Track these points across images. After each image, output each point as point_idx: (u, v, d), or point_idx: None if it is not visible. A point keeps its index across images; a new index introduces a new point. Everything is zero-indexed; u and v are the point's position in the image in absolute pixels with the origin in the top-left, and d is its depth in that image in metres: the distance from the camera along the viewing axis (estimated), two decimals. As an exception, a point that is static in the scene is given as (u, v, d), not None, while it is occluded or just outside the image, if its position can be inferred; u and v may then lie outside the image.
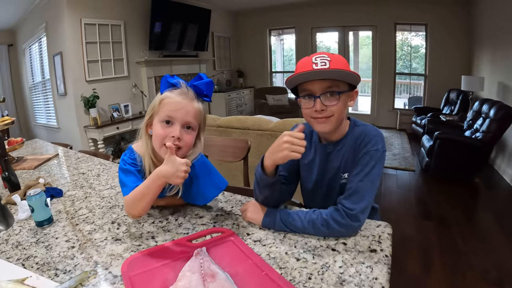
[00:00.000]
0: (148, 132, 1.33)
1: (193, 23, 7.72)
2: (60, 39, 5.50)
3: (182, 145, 1.27)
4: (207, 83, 1.31)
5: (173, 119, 1.26)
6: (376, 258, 1.08)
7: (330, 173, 1.42)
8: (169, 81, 1.30)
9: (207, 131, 3.56)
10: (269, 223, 1.28)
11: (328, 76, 1.24)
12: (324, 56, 1.25)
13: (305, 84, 1.28)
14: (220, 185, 1.45)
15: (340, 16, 8.54)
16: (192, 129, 1.30)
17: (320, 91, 1.26)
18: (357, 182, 1.25)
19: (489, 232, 3.39)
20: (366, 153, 1.28)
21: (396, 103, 8.66)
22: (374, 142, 1.29)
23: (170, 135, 1.25)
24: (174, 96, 1.27)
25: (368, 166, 1.26)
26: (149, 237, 1.26)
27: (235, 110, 9.20)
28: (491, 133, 4.39)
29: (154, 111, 1.29)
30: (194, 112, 1.28)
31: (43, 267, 1.08)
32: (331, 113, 1.27)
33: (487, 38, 6.21)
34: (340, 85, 1.26)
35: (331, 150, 1.40)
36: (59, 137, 6.23)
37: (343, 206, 1.21)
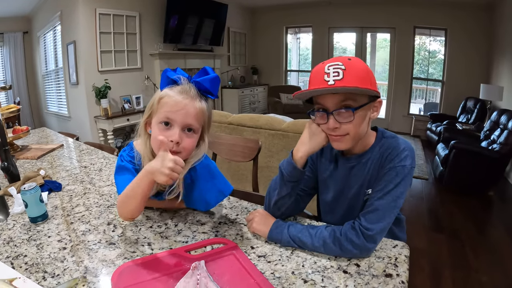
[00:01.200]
0: (147, 131, 1.23)
1: (209, 18, 7.67)
2: (74, 28, 5.48)
3: (181, 149, 1.17)
4: (211, 79, 1.18)
5: (172, 121, 1.15)
6: (392, 285, 0.98)
7: (352, 189, 1.29)
8: (169, 76, 1.19)
9: (217, 128, 3.53)
10: (276, 236, 1.18)
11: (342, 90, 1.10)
12: (338, 64, 1.10)
13: (318, 97, 1.17)
14: (224, 191, 1.36)
15: (358, 17, 8.45)
16: (193, 131, 1.19)
17: (333, 107, 1.13)
18: (378, 200, 1.13)
19: (502, 249, 3.29)
20: (392, 169, 1.15)
21: (411, 109, 8.56)
22: (402, 157, 1.16)
23: (168, 139, 1.13)
24: (174, 94, 1.15)
25: (392, 183, 1.13)
26: (145, 243, 1.18)
27: (248, 107, 9.15)
28: (509, 145, 4.28)
29: (153, 110, 1.19)
30: (195, 113, 1.16)
31: (32, 268, 1.03)
32: (345, 131, 1.14)
33: (508, 46, 6.07)
34: (357, 98, 1.12)
35: (354, 164, 1.27)
36: (69, 126, 6.24)
37: (360, 225, 1.10)
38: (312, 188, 1.43)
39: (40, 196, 1.31)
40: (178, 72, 1.20)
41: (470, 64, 7.44)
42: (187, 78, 1.18)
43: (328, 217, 1.43)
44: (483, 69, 7.27)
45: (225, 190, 1.36)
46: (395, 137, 1.25)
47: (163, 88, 1.19)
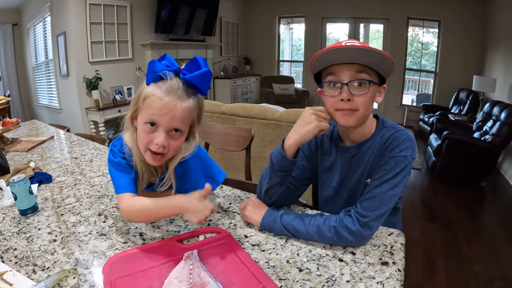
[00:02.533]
0: (134, 124, 1.17)
1: (201, 8, 7.61)
2: (64, 19, 5.40)
3: (166, 150, 1.12)
4: (202, 74, 1.08)
5: (157, 123, 1.09)
6: (388, 273, 0.97)
7: (353, 179, 1.28)
8: (156, 71, 1.08)
9: (210, 118, 3.50)
10: (269, 225, 1.16)
11: (360, 58, 1.09)
12: (355, 42, 1.11)
13: (332, 68, 1.14)
14: (218, 178, 1.35)
15: (351, 7, 8.43)
16: (180, 132, 1.13)
17: (348, 78, 1.11)
18: (376, 188, 1.12)
19: (494, 239, 3.32)
20: (392, 158, 1.14)
21: (404, 99, 8.58)
22: (403, 147, 1.15)
23: (154, 142, 1.09)
24: (160, 95, 1.06)
25: (391, 172, 1.12)
26: (137, 233, 1.16)
27: (241, 97, 9.13)
28: (501, 136, 4.31)
29: (138, 107, 1.12)
30: (182, 115, 1.09)
31: (22, 261, 1.00)
32: (356, 106, 1.13)
33: (502, 38, 6.09)
34: (371, 74, 1.12)
35: (355, 153, 1.26)
36: (60, 118, 6.18)
37: (356, 212, 1.10)
38: (308, 178, 1.41)
39: (29, 188, 1.28)
40: (167, 60, 1.12)
41: (463, 56, 7.47)
42: (173, 74, 1.09)
43: (328, 208, 1.40)
44: (476, 61, 7.30)
45: (218, 178, 1.35)
46: (396, 126, 1.24)
47: (149, 82, 1.10)
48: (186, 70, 1.10)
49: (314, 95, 9.32)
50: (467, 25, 7.31)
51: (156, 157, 1.12)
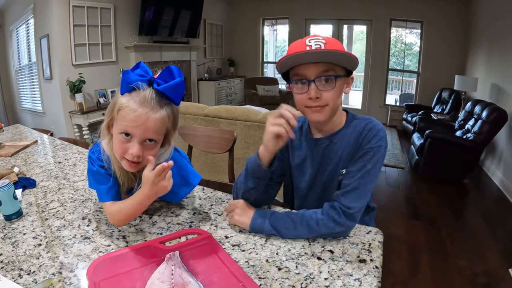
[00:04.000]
0: (110, 132, 1.19)
1: (185, 9, 7.60)
2: (47, 21, 5.36)
3: (141, 159, 1.14)
4: (175, 85, 1.10)
5: (131, 134, 1.10)
6: (366, 270, 1.00)
7: (326, 171, 1.31)
8: (129, 82, 1.09)
9: (193, 120, 3.52)
10: (258, 227, 1.18)
11: (324, 59, 1.13)
12: (319, 38, 1.14)
13: (298, 68, 1.17)
14: (193, 181, 1.36)
15: (335, 9, 8.49)
16: (155, 142, 1.15)
17: (314, 76, 1.14)
18: (358, 179, 1.17)
19: (477, 234, 3.38)
20: (370, 149, 1.19)
21: (387, 99, 8.66)
22: (379, 138, 1.20)
23: (128, 152, 1.12)
24: (133, 106, 1.08)
25: (370, 162, 1.18)
26: (120, 236, 1.17)
27: (225, 99, 9.14)
28: (482, 134, 4.37)
29: (113, 117, 1.14)
30: (155, 127, 1.11)
31: (8, 266, 1.01)
32: (325, 101, 1.17)
33: (483, 39, 6.19)
34: (336, 69, 1.15)
35: (327, 144, 1.29)
36: (44, 122, 6.12)
37: (340, 204, 1.14)
38: (281, 175, 1.42)
39: (14, 193, 1.29)
40: (141, 68, 1.13)
41: (446, 56, 7.57)
42: (147, 84, 1.10)
43: (302, 202, 1.43)
44: (458, 61, 7.41)
45: (193, 181, 1.36)
46: (368, 118, 1.28)
47: (124, 92, 1.12)
48: (160, 79, 1.11)
49: (299, 96, 9.34)
50: (449, 26, 7.41)
51: (132, 164, 1.15)
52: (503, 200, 4.29)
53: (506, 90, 4.91)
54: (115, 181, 1.24)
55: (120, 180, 1.24)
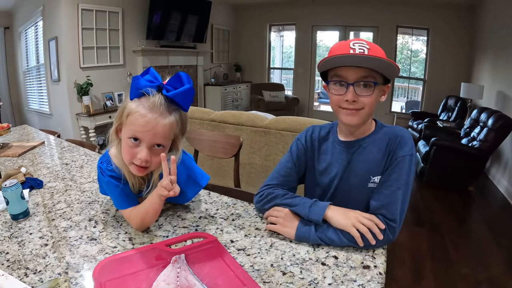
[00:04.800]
0: (119, 136, 1.21)
1: (192, 14, 7.64)
2: (56, 23, 5.40)
3: (149, 164, 1.16)
4: (184, 92, 1.11)
5: (140, 139, 1.12)
6: (369, 276, 1.00)
7: (354, 173, 1.29)
8: (139, 88, 1.11)
9: (199, 125, 3.53)
10: (303, 236, 1.16)
11: (366, 64, 1.13)
12: (363, 43, 1.14)
13: (339, 69, 1.17)
14: (201, 182, 1.37)
15: (342, 15, 8.51)
16: (163, 147, 1.16)
17: (354, 80, 1.15)
18: (396, 190, 1.17)
19: (481, 243, 3.37)
20: (404, 158, 1.19)
21: (393, 106, 8.64)
22: (410, 146, 1.20)
23: (137, 156, 1.13)
24: (142, 111, 1.09)
25: (405, 172, 1.18)
26: (126, 238, 1.18)
27: (231, 104, 9.15)
28: (488, 142, 4.36)
29: (122, 121, 1.15)
30: (163, 133, 1.12)
31: (14, 265, 1.02)
32: (362, 105, 1.17)
33: (489, 46, 6.18)
34: (376, 76, 1.16)
35: (356, 147, 1.28)
36: (51, 123, 6.15)
37: (385, 218, 1.14)
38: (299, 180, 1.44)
39: (21, 193, 1.30)
40: (150, 74, 1.14)
41: (452, 63, 7.56)
42: (156, 90, 1.12)
43: None
44: (464, 68, 7.39)
45: (201, 181, 1.37)
46: (397, 126, 1.29)
47: (133, 98, 1.14)
48: (169, 85, 1.12)
49: (304, 102, 9.38)
50: (455, 33, 7.41)
51: (140, 169, 1.16)
52: (508, 208, 4.27)
53: (512, 98, 4.91)
54: (127, 187, 1.26)
55: (130, 184, 1.26)
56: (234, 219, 1.34)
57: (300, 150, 1.40)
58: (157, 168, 1.22)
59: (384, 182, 1.20)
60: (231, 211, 1.41)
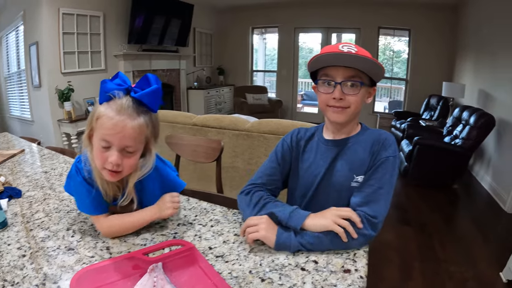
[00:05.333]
0: (91, 142, 1.18)
1: (175, 18, 7.62)
2: (36, 28, 5.35)
3: (121, 169, 1.15)
4: (150, 93, 1.11)
5: (110, 142, 1.11)
6: (350, 280, 1.00)
7: (339, 175, 1.30)
8: (106, 91, 1.11)
9: (181, 129, 3.52)
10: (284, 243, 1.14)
11: (354, 64, 1.18)
12: (351, 45, 1.19)
13: (327, 69, 1.23)
14: (175, 189, 1.36)
15: (324, 17, 8.58)
16: (133, 151, 1.15)
17: (342, 79, 1.20)
18: (378, 189, 1.19)
19: (468, 240, 3.41)
20: (388, 158, 1.21)
21: (376, 107, 8.71)
22: (394, 148, 1.24)
23: (108, 160, 1.12)
24: (111, 114, 1.08)
25: (388, 172, 1.20)
26: (104, 248, 1.17)
27: (214, 108, 9.14)
28: (471, 140, 4.41)
29: (93, 126, 1.14)
30: (133, 134, 1.11)
31: (-9, 277, 1.00)
32: (348, 104, 1.22)
33: (470, 46, 6.28)
34: (363, 77, 1.21)
35: (341, 146, 1.31)
36: (33, 130, 6.09)
37: (366, 214, 1.14)
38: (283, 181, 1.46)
39: (-2, 203, 1.28)
40: (119, 78, 1.15)
41: (433, 63, 7.67)
42: (124, 93, 1.11)
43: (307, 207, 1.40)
44: (446, 67, 7.51)
45: (176, 188, 1.36)
46: (381, 130, 1.33)
47: (102, 102, 1.13)
48: (137, 87, 1.13)
49: (288, 105, 9.42)
50: (437, 33, 7.51)
51: (113, 174, 1.14)
52: (493, 204, 4.34)
53: (493, 96, 4.97)
54: (99, 193, 1.24)
55: (102, 191, 1.23)
56: (213, 225, 1.34)
57: (285, 150, 1.42)
58: (131, 174, 1.21)
59: (366, 181, 1.22)
60: (210, 217, 1.40)
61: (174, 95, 8.32)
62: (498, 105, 4.77)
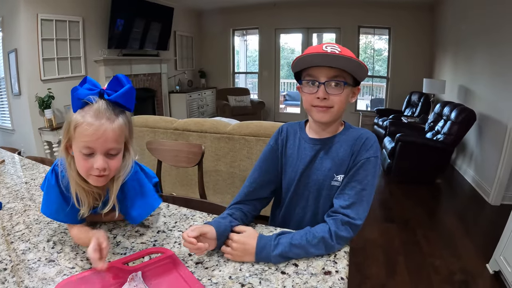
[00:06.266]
0: (70, 153, 1.18)
1: (155, 21, 7.59)
2: (15, 35, 5.27)
3: (108, 172, 1.14)
4: (124, 93, 1.11)
5: (93, 149, 1.10)
6: (331, 282, 1.01)
7: (319, 173, 1.31)
8: (80, 98, 1.09)
9: (163, 134, 3.51)
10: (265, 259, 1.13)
11: (338, 64, 1.19)
12: (335, 46, 1.19)
13: (311, 69, 1.23)
14: (153, 204, 1.36)
15: (304, 18, 8.63)
16: (116, 151, 1.15)
17: (325, 78, 1.21)
18: (361, 191, 1.21)
19: (453, 234, 3.45)
20: (369, 160, 1.23)
21: (358, 105, 8.78)
22: (375, 149, 1.25)
23: (94, 167, 1.11)
24: (90, 120, 1.07)
25: (370, 174, 1.22)
26: (84, 258, 1.17)
27: (197, 111, 9.13)
28: (452, 135, 4.47)
29: (70, 136, 1.12)
30: (114, 136, 1.11)
31: (-28, 292, 0.99)
32: (332, 103, 1.23)
33: (449, 42, 6.38)
34: (346, 77, 1.22)
35: (321, 146, 1.32)
36: (13, 139, 6.00)
37: (347, 216, 1.17)
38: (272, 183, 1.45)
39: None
40: (88, 83, 1.13)
41: (414, 60, 7.76)
42: (98, 97, 1.10)
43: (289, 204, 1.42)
44: (426, 64, 7.60)
45: (154, 204, 1.36)
46: (363, 128, 1.34)
47: (76, 110, 1.10)
48: (109, 89, 1.12)
49: (270, 106, 9.44)
50: (415, 31, 7.61)
51: (100, 178, 1.14)
52: (476, 196, 4.42)
53: (473, 91, 5.05)
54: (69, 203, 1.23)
55: (79, 202, 1.22)
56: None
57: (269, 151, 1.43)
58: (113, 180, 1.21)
59: (348, 183, 1.24)
60: (190, 223, 1.41)
61: (156, 100, 8.27)
62: (478, 100, 4.85)
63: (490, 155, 4.32)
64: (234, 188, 3.39)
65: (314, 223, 1.22)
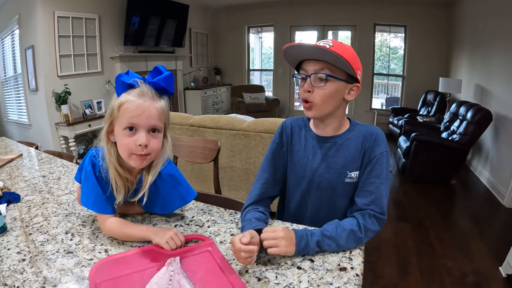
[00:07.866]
0: (111, 139, 1.22)
1: (170, 19, 7.60)
2: (32, 32, 5.34)
3: (150, 151, 1.18)
4: (166, 77, 1.18)
5: (136, 125, 1.15)
6: (346, 278, 1.01)
7: (333, 171, 1.32)
8: (124, 81, 1.17)
9: (178, 130, 3.52)
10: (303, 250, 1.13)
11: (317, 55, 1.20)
12: (329, 41, 1.20)
13: (303, 63, 1.25)
14: (186, 197, 1.39)
15: (319, 15, 8.57)
16: (158, 131, 1.20)
17: (312, 71, 1.22)
18: (379, 185, 1.24)
19: (466, 235, 3.41)
20: (382, 155, 1.26)
21: (373, 103, 8.72)
22: (385, 143, 1.28)
23: (136, 143, 1.14)
24: (134, 99, 1.14)
25: (385, 168, 1.26)
26: (102, 250, 1.18)
27: (211, 108, 9.12)
28: (468, 135, 4.42)
29: (114, 118, 1.17)
30: (157, 113, 1.17)
31: (-9, 281, 1.01)
32: (313, 98, 1.22)
33: (466, 40, 6.28)
34: (335, 70, 1.20)
35: (331, 145, 1.32)
36: (30, 134, 6.08)
37: (373, 212, 1.20)
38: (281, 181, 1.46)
39: (-3, 208, 1.29)
40: (131, 75, 1.20)
41: (430, 59, 7.66)
42: (142, 80, 1.18)
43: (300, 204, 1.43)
44: (442, 63, 7.50)
45: (187, 197, 1.39)
46: (369, 125, 1.35)
47: (120, 94, 1.18)
48: (150, 78, 1.18)
49: (285, 103, 9.41)
50: (432, 29, 7.51)
51: (141, 157, 1.18)
52: (491, 198, 4.35)
53: (489, 91, 4.98)
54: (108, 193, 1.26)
55: (115, 189, 1.26)
56: (210, 225, 1.35)
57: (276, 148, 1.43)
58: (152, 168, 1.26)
59: (367, 179, 1.26)
60: (207, 218, 1.42)
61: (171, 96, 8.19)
62: (495, 100, 4.78)
63: (506, 156, 4.27)
64: (249, 185, 3.38)
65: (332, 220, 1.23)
